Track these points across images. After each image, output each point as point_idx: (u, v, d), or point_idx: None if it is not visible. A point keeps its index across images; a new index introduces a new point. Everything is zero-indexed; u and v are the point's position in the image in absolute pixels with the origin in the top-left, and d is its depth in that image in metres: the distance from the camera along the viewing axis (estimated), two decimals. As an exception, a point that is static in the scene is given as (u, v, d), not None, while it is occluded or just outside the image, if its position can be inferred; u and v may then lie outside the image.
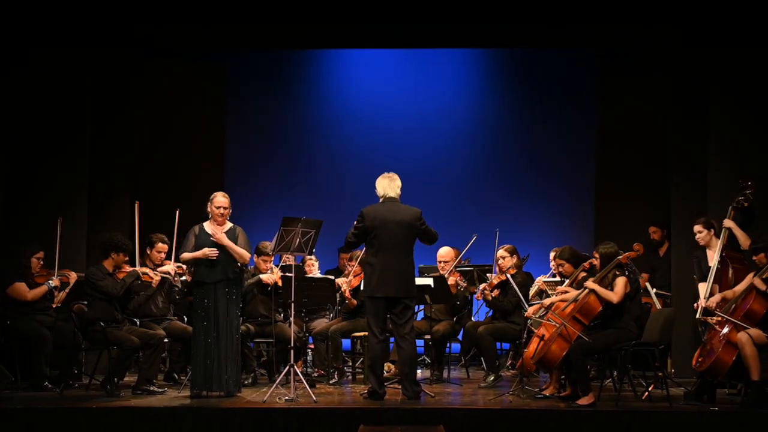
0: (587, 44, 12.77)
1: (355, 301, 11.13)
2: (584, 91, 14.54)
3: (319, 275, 11.62)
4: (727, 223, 10.05)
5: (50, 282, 10.46)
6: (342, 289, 11.12)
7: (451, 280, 10.97)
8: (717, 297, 9.46)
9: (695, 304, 9.78)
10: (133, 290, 10.28)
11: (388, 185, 9.58)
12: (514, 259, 10.97)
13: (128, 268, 10.18)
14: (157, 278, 10.41)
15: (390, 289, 9.33)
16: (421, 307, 11.06)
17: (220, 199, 9.71)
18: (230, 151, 14.63)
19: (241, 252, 9.66)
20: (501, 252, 10.97)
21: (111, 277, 10.01)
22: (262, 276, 10.81)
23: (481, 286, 11.15)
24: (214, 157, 14.26)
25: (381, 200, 9.58)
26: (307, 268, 11.86)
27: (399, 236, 9.39)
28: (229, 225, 9.76)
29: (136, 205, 10.51)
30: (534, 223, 14.47)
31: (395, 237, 9.38)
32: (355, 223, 9.51)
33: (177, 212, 10.69)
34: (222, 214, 9.67)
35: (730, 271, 9.69)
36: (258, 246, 10.88)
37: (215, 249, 9.59)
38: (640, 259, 11.29)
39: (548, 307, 9.75)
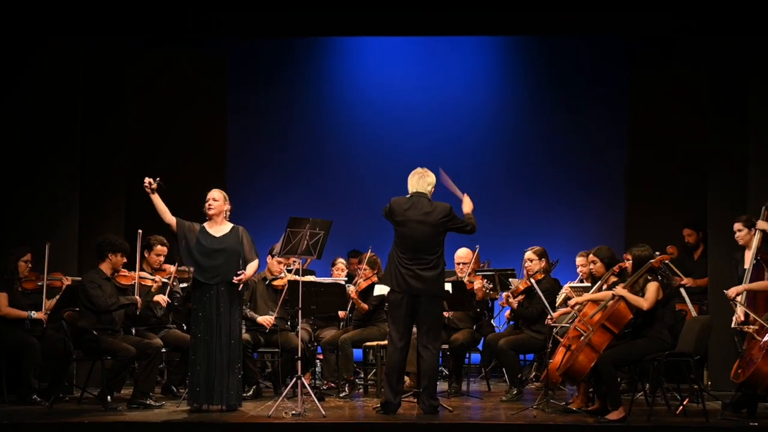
0: (615, 31, 12.71)
1: (365, 305, 11.10)
2: (613, 84, 14.48)
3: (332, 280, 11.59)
4: (761, 224, 9.97)
5: (32, 314, 10.45)
6: (350, 291, 11.08)
7: (476, 284, 10.94)
8: (740, 287, 9.43)
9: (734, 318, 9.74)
10: (129, 310, 10.27)
11: (417, 182, 9.55)
12: (543, 263, 10.90)
13: (127, 272, 10.16)
14: (156, 285, 10.42)
15: (407, 286, 9.30)
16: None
17: (211, 192, 9.78)
18: (233, 146, 14.62)
19: (255, 267, 9.76)
20: (529, 254, 10.91)
21: (109, 282, 10.00)
22: (259, 318, 10.82)
23: (504, 294, 11.10)
24: (215, 153, 14.26)
25: (409, 195, 9.57)
26: (335, 272, 11.85)
27: (420, 236, 9.35)
28: (229, 225, 9.74)
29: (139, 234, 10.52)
30: (558, 226, 14.43)
31: (416, 236, 9.35)
32: None
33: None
34: (209, 206, 9.68)
35: (767, 275, 9.65)
36: (273, 246, 10.90)
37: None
38: (674, 263, 11.27)
39: (574, 308, 9.72)
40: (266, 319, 10.79)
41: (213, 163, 14.11)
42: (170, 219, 9.61)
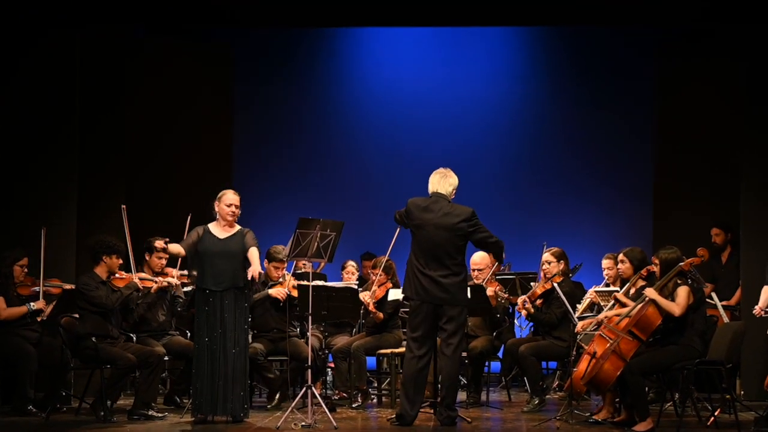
0: (643, 21, 12.67)
1: (381, 315, 11.08)
2: (640, 76, 14.44)
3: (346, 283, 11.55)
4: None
5: (32, 304, 10.41)
6: (365, 302, 11.04)
7: (489, 291, 10.90)
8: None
9: (754, 309, 9.73)
10: (132, 302, 10.26)
11: (438, 182, 9.50)
12: (562, 265, 10.88)
13: (123, 274, 10.15)
14: (156, 285, 10.38)
15: (426, 295, 9.26)
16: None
17: (231, 196, 9.66)
18: (238, 143, 14.59)
19: (257, 253, 9.58)
20: (547, 256, 10.88)
21: (105, 285, 9.98)
22: (270, 291, 10.77)
23: (521, 299, 11.05)
24: (219, 151, 14.20)
25: (428, 196, 9.54)
26: (345, 276, 11.82)
27: (439, 240, 9.29)
28: (236, 228, 9.71)
29: (123, 209, 10.45)
30: (582, 226, 14.43)
31: (434, 241, 9.29)
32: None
33: (189, 217, 10.66)
34: (233, 213, 9.61)
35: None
36: (269, 250, 10.85)
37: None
38: (702, 267, 11.22)
39: (601, 323, 9.67)
40: (279, 292, 10.75)
41: (217, 161, 14.04)
42: (183, 252, 9.71)
